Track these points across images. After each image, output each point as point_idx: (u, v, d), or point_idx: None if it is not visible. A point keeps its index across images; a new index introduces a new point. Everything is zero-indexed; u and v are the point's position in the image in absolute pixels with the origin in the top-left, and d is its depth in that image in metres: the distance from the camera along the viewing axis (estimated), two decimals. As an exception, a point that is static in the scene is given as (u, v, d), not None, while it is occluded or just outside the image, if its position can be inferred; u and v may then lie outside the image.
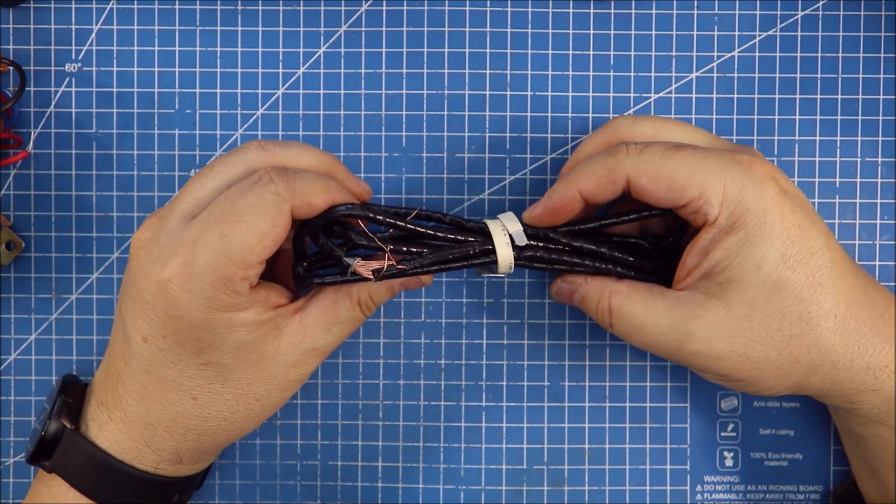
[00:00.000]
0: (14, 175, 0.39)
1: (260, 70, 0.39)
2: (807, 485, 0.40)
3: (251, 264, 0.31)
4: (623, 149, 0.32)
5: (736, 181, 0.31)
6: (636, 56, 0.39)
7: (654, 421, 0.40)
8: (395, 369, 0.40)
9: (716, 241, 0.32)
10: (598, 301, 0.34)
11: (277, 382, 0.33)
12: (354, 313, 0.34)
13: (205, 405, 0.33)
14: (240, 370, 0.32)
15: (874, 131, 0.39)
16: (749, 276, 0.31)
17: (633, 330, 0.33)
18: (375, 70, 0.39)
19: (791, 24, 0.39)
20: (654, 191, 0.32)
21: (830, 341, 0.32)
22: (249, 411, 0.34)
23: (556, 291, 0.36)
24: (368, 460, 0.40)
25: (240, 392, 0.33)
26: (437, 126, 0.39)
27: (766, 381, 0.33)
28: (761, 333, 0.32)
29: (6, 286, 0.39)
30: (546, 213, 0.34)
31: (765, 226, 0.31)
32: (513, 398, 0.40)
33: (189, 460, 0.34)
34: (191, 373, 0.32)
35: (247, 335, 0.32)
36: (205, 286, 0.30)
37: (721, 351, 0.32)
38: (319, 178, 0.32)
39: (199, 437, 0.33)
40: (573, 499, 0.40)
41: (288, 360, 0.33)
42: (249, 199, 0.31)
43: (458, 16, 0.39)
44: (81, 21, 0.39)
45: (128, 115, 0.39)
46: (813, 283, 0.32)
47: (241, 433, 0.35)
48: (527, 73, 0.39)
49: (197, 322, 0.31)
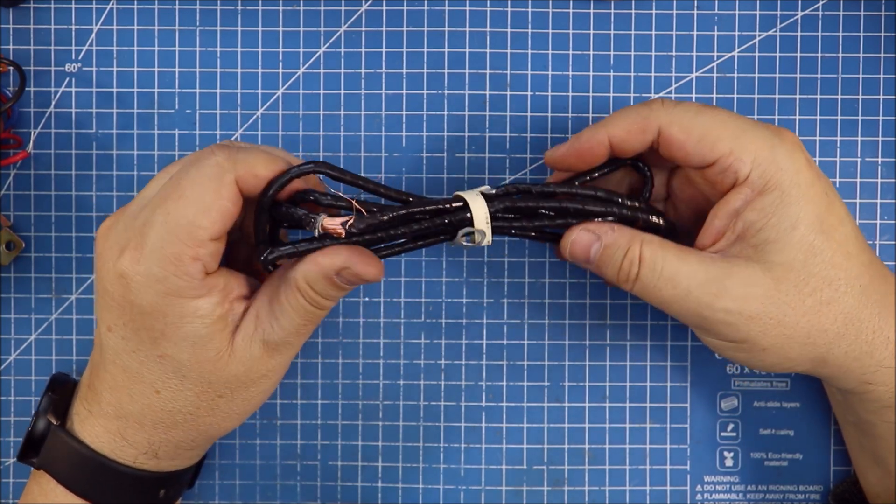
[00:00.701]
0: (14, 175, 0.39)
1: (260, 70, 0.39)
2: (807, 485, 0.40)
3: (200, 240, 0.30)
4: (658, 101, 0.33)
5: (767, 142, 0.31)
6: (636, 56, 0.39)
7: (654, 421, 0.40)
8: (395, 369, 0.40)
9: (748, 201, 0.31)
10: (626, 249, 0.32)
11: (240, 381, 0.32)
12: (297, 300, 0.31)
13: (167, 399, 0.32)
14: (197, 368, 0.31)
15: (874, 131, 0.39)
16: (785, 237, 0.31)
17: (664, 281, 0.32)
18: (375, 70, 0.39)
19: (791, 24, 0.39)
20: (685, 143, 0.32)
21: (857, 311, 0.32)
22: (214, 407, 0.33)
23: (572, 242, 0.33)
24: (368, 460, 0.40)
25: (200, 389, 0.32)
26: (437, 126, 0.39)
27: (790, 350, 0.32)
28: (795, 297, 0.31)
29: (6, 286, 0.39)
30: (571, 153, 0.33)
31: (799, 187, 0.31)
32: (513, 398, 0.40)
33: (165, 455, 0.34)
34: (150, 365, 0.32)
35: (202, 327, 0.31)
36: (154, 267, 0.30)
37: (754, 311, 0.31)
38: (265, 151, 0.32)
39: (168, 430, 0.33)
40: (573, 499, 0.40)
41: (245, 355, 0.32)
42: (191, 174, 0.30)
43: (458, 16, 0.39)
44: (81, 21, 0.39)
45: (128, 115, 0.39)
46: (843, 251, 0.32)
47: (217, 429, 0.34)
48: (527, 73, 0.39)
49: (149, 307, 0.30)
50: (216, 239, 0.31)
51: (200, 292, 0.31)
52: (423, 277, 0.39)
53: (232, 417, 0.34)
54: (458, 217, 0.32)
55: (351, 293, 0.39)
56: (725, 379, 0.40)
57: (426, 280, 0.39)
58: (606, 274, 0.33)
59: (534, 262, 0.39)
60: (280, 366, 0.33)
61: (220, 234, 0.31)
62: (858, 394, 0.34)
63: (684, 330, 0.40)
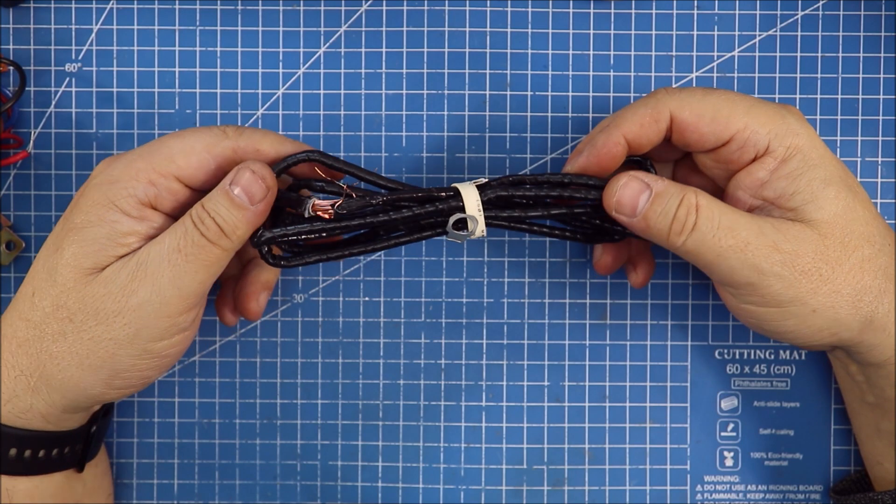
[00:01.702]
0: (14, 175, 0.39)
1: (260, 70, 0.39)
2: (807, 485, 0.40)
3: (165, 171, 0.31)
4: (662, 90, 0.33)
5: (777, 113, 0.32)
6: (636, 56, 0.39)
7: (654, 421, 0.40)
8: (395, 369, 0.40)
9: (773, 170, 0.32)
10: (681, 197, 0.31)
11: (94, 304, 0.31)
12: (184, 224, 0.31)
13: (33, 305, 0.31)
14: (69, 271, 0.31)
15: (874, 131, 0.39)
16: (821, 194, 0.31)
17: (723, 230, 0.30)
18: (375, 70, 0.39)
19: (791, 24, 0.39)
20: (698, 124, 0.32)
21: (890, 266, 0.32)
22: (60, 333, 0.31)
23: (621, 186, 0.31)
24: (368, 460, 0.40)
25: (57, 301, 0.31)
26: (437, 126, 0.39)
27: (840, 309, 0.31)
28: (841, 253, 0.31)
29: (6, 286, 0.39)
30: (591, 161, 0.33)
31: (817, 149, 0.32)
32: (513, 398, 0.40)
33: (8, 391, 0.31)
34: (47, 255, 0.31)
35: (104, 236, 0.31)
36: (116, 170, 0.31)
37: (806, 265, 0.31)
38: (273, 133, 0.33)
39: (18, 347, 0.31)
40: (573, 499, 0.40)
41: (110, 274, 0.31)
42: (197, 129, 0.32)
43: (458, 16, 0.39)
44: (81, 21, 0.39)
45: (128, 115, 0.39)
46: (870, 210, 0.32)
47: (60, 375, 0.31)
48: (527, 73, 0.39)
49: (84, 203, 0.31)
50: (184, 183, 0.32)
51: (130, 211, 0.31)
52: (423, 277, 0.39)
53: (73, 361, 0.31)
54: (449, 205, 0.32)
55: (351, 293, 0.39)
56: (725, 379, 0.40)
57: (426, 280, 0.39)
58: (657, 226, 0.31)
59: (534, 262, 0.39)
60: (138, 309, 0.31)
61: (191, 180, 0.32)
62: (888, 367, 0.33)
63: (684, 330, 0.40)
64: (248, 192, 0.31)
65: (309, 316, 0.39)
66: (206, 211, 0.31)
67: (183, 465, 0.39)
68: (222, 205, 0.31)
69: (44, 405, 0.32)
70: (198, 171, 0.32)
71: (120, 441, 0.40)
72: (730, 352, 0.40)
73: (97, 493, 0.36)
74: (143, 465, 0.40)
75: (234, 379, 0.39)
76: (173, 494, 0.39)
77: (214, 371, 0.39)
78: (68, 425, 0.33)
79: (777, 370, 0.40)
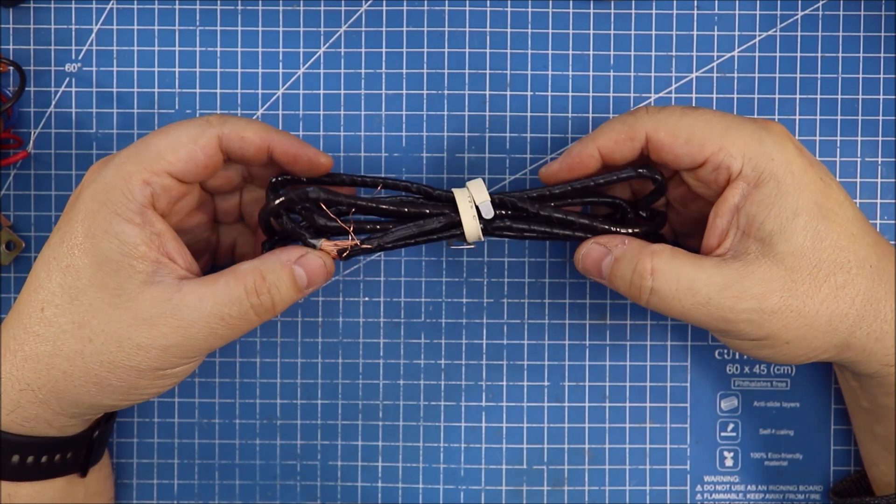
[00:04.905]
0: (14, 175, 0.39)
1: (260, 70, 0.39)
2: (807, 485, 0.40)
3: (156, 169, 0.31)
4: (642, 108, 0.33)
5: (755, 135, 0.32)
6: (636, 56, 0.39)
7: (654, 421, 0.40)
8: (395, 369, 0.40)
9: (746, 196, 0.31)
10: (636, 262, 0.32)
11: (119, 330, 0.30)
12: (236, 291, 0.31)
13: (44, 321, 0.31)
14: (92, 290, 0.30)
15: (874, 131, 0.39)
16: (789, 225, 0.31)
17: (682, 290, 0.31)
18: (375, 70, 0.39)
19: (791, 24, 0.39)
20: (673, 145, 0.32)
21: (873, 290, 0.32)
22: (78, 352, 0.30)
23: (583, 255, 0.33)
24: (368, 460, 0.40)
25: (79, 320, 0.30)
26: (437, 126, 0.39)
27: (814, 339, 0.32)
28: (811, 285, 0.31)
29: (6, 286, 0.39)
30: (563, 168, 0.34)
31: (793, 175, 0.31)
32: (513, 398, 0.40)
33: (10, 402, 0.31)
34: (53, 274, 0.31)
35: (117, 253, 0.30)
36: (109, 175, 0.31)
37: (775, 305, 0.31)
38: (258, 122, 0.33)
39: (25, 361, 0.31)
40: (573, 499, 0.40)
41: (142, 310, 0.30)
42: (181, 122, 0.32)
43: (458, 16, 0.39)
44: (81, 21, 0.39)
45: (128, 115, 0.39)
46: (847, 233, 0.31)
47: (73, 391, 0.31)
48: (527, 73, 0.39)
49: (83, 213, 0.31)
50: (177, 178, 0.32)
51: (133, 218, 0.31)
52: (423, 277, 0.39)
53: (89, 380, 0.31)
54: (451, 234, 0.33)
55: (351, 293, 0.39)
56: (725, 379, 0.40)
57: (426, 280, 0.39)
58: (621, 288, 0.32)
59: (534, 262, 0.39)
60: (169, 346, 0.30)
61: (183, 174, 0.32)
62: (879, 377, 0.33)
63: (684, 330, 0.40)
64: (310, 278, 0.32)
65: (309, 316, 0.39)
66: (265, 283, 0.31)
67: (183, 465, 0.39)
68: (284, 282, 0.31)
69: (51, 414, 0.32)
70: (188, 163, 0.32)
71: (120, 441, 0.40)
72: (730, 352, 0.40)
73: (99, 497, 0.36)
74: (143, 465, 0.40)
75: (233, 379, 0.39)
76: (173, 494, 0.39)
77: (214, 371, 0.39)
78: (71, 430, 0.33)
79: (777, 370, 0.40)
